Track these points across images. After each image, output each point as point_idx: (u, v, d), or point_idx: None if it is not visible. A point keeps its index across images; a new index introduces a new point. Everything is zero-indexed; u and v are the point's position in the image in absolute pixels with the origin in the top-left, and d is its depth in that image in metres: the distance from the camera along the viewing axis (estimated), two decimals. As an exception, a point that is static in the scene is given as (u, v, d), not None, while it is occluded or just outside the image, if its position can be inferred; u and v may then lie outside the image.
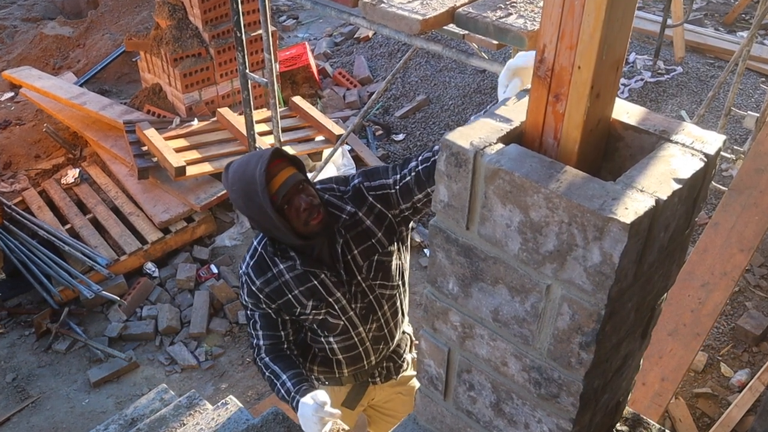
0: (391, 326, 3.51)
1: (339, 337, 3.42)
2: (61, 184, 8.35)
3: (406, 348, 3.76)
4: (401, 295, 3.49)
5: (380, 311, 3.41)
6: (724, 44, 10.04)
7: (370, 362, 3.59)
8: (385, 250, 3.25)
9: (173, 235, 7.62)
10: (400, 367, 3.76)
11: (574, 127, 1.69)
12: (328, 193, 3.18)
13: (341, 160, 8.32)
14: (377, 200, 3.13)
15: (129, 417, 4.46)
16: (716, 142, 1.75)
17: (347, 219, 3.11)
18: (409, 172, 3.01)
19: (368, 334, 3.45)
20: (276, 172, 2.92)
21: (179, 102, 9.07)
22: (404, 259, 3.42)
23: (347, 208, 3.12)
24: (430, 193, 2.93)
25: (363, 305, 3.34)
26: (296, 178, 2.95)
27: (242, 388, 6.36)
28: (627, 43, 1.67)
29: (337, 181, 3.26)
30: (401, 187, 3.05)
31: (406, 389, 3.89)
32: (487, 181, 1.68)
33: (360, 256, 3.20)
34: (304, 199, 2.96)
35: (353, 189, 3.17)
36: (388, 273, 3.32)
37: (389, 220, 3.17)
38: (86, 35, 11.79)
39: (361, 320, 3.38)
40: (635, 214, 1.49)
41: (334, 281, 3.21)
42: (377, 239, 3.19)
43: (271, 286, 3.22)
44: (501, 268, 1.78)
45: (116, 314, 6.97)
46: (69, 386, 6.38)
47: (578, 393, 1.79)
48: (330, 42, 11.88)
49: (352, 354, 3.50)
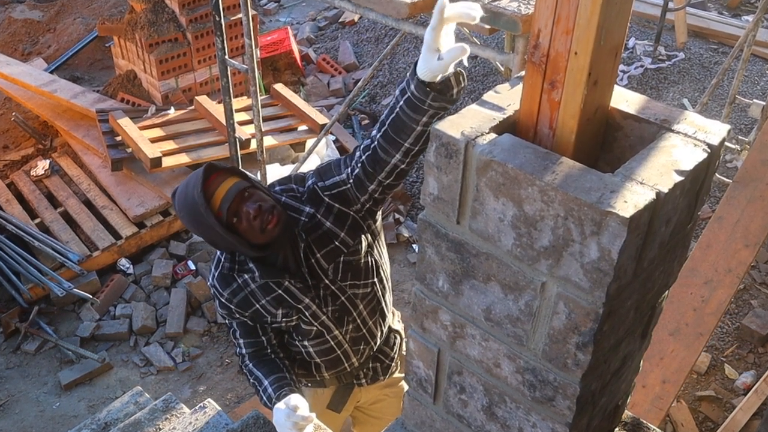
0: (370, 325, 3.48)
1: (314, 341, 3.40)
2: (31, 176, 8.31)
3: (396, 347, 3.73)
4: (380, 291, 3.44)
5: (355, 312, 3.37)
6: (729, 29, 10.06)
7: (352, 364, 3.57)
8: (350, 250, 3.19)
9: (148, 229, 7.60)
10: (388, 368, 3.73)
11: (570, 116, 1.69)
12: (287, 194, 3.15)
13: (325, 150, 8.31)
14: (334, 199, 3.07)
15: (102, 421, 4.45)
16: (720, 132, 1.75)
17: (307, 221, 3.08)
18: (356, 164, 2.95)
19: (345, 336, 3.42)
20: (215, 188, 2.89)
21: (155, 90, 9.05)
22: (379, 253, 3.37)
23: (305, 209, 3.08)
24: (382, 182, 2.88)
25: (335, 308, 3.30)
26: (238, 188, 2.91)
27: (221, 390, 6.36)
28: (626, 27, 1.67)
29: (296, 180, 3.21)
30: (354, 181, 2.98)
31: (394, 391, 3.87)
32: (478, 172, 1.68)
33: (324, 259, 3.16)
34: (252, 206, 2.90)
35: (308, 190, 3.12)
36: (358, 272, 3.27)
37: (351, 218, 3.12)
38: (57, 19, 11.74)
39: (336, 323, 3.35)
40: (635, 207, 1.49)
41: (300, 287, 3.18)
42: (340, 240, 3.14)
43: (238, 297, 3.21)
44: (493, 265, 1.77)
45: (88, 313, 6.95)
46: (39, 389, 6.37)
47: (575, 396, 1.80)
48: (313, 26, 11.88)
49: (331, 357, 3.49)
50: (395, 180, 2.88)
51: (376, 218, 3.27)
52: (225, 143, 7.58)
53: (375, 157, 2.82)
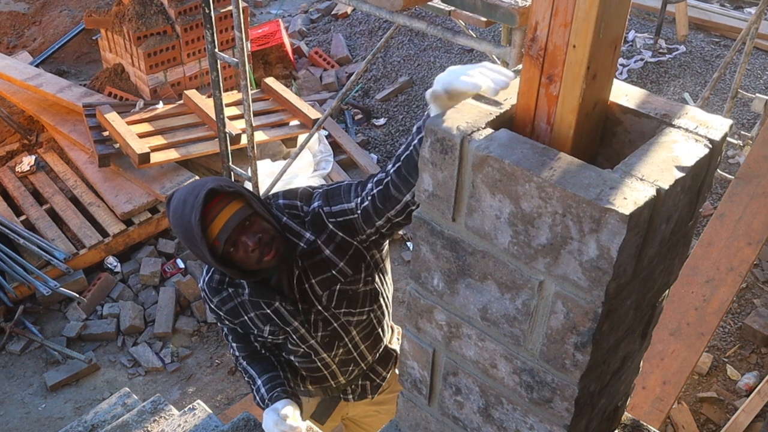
0: (361, 349, 3.41)
1: (300, 359, 3.37)
2: (16, 172, 8.30)
3: (389, 367, 3.65)
4: (375, 319, 3.36)
5: (347, 337, 3.31)
6: (731, 21, 10.08)
7: (338, 382, 3.53)
8: (348, 279, 3.10)
9: (136, 227, 7.59)
10: (378, 386, 3.66)
11: (568, 111, 1.69)
12: (289, 212, 3.04)
13: (317, 146, 8.31)
14: (339, 228, 2.96)
15: (89, 423, 4.45)
16: (722, 127, 1.75)
17: (305, 247, 2.98)
18: (366, 197, 2.79)
19: (334, 359, 3.38)
20: (215, 215, 2.76)
21: (143, 84, 9.03)
22: (381, 279, 3.27)
23: (306, 235, 2.98)
24: (391, 219, 2.75)
25: (326, 333, 3.24)
26: (240, 217, 2.79)
27: (211, 392, 6.35)
28: (626, 19, 1.67)
29: (302, 197, 3.08)
30: (362, 213, 2.83)
31: (385, 408, 3.81)
32: (474, 168, 1.68)
33: (318, 286, 3.08)
34: (251, 238, 2.80)
35: (312, 213, 3.00)
36: (355, 301, 3.19)
37: (354, 248, 3.02)
38: (43, 11, 11.72)
39: (325, 348, 3.30)
40: (635, 204, 1.49)
41: (290, 310, 3.12)
42: (338, 269, 3.05)
43: (227, 306, 3.19)
44: (490, 263, 1.77)
45: (75, 312, 6.95)
46: (24, 390, 6.36)
47: (573, 397, 1.79)
48: (305, 19, 11.87)
49: (316, 375, 3.46)
50: (405, 219, 2.73)
51: (382, 248, 3.18)
52: (215, 138, 7.57)
53: (386, 194, 2.68)
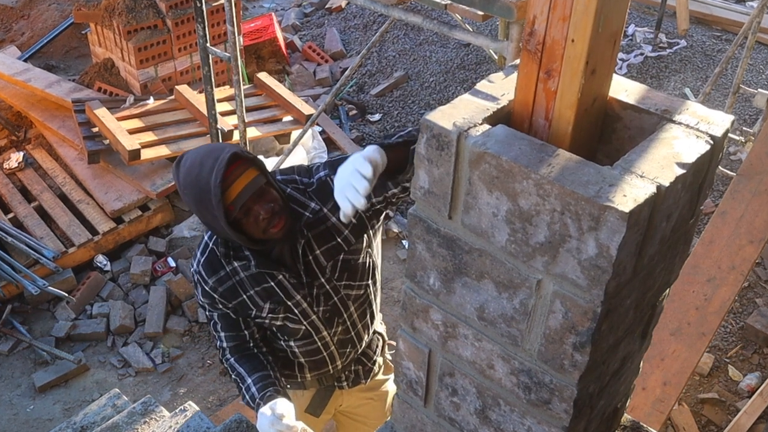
0: (359, 328, 3.49)
1: (300, 342, 3.40)
2: (3, 168, 8.28)
3: (377, 350, 3.75)
4: (371, 295, 3.46)
5: (346, 313, 3.38)
6: (733, 15, 10.08)
7: (335, 366, 3.58)
8: (351, 248, 3.19)
9: (127, 225, 7.58)
10: (370, 371, 3.75)
11: (567, 107, 1.69)
12: (290, 185, 3.12)
13: (311, 142, 8.30)
14: None
15: (78, 425, 4.45)
16: (723, 123, 1.75)
17: (310, 216, 3.06)
18: None
19: (333, 338, 3.43)
20: (234, 179, 2.81)
21: (133, 79, 9.02)
22: (376, 254, 3.38)
23: (311, 205, 3.07)
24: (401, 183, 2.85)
25: (327, 308, 3.30)
26: (256, 184, 2.86)
27: (202, 393, 6.35)
28: (625, 13, 1.67)
29: (299, 172, 3.18)
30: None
31: (377, 394, 3.89)
32: (471, 165, 1.68)
33: (323, 256, 3.15)
34: (264, 207, 2.87)
35: (318, 182, 3.10)
36: (355, 272, 3.28)
37: (358, 215, 3.06)
38: (31, 5, 11.69)
39: (325, 324, 3.36)
40: (634, 201, 1.49)
41: (293, 283, 3.17)
42: (343, 237, 3.14)
43: (224, 285, 3.19)
44: (487, 262, 1.77)
45: (64, 312, 6.94)
46: (12, 391, 6.35)
47: (572, 399, 1.80)
48: (299, 13, 11.86)
49: (316, 359, 3.49)
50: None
51: (381, 219, 3.26)
52: (206, 135, 7.56)
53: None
